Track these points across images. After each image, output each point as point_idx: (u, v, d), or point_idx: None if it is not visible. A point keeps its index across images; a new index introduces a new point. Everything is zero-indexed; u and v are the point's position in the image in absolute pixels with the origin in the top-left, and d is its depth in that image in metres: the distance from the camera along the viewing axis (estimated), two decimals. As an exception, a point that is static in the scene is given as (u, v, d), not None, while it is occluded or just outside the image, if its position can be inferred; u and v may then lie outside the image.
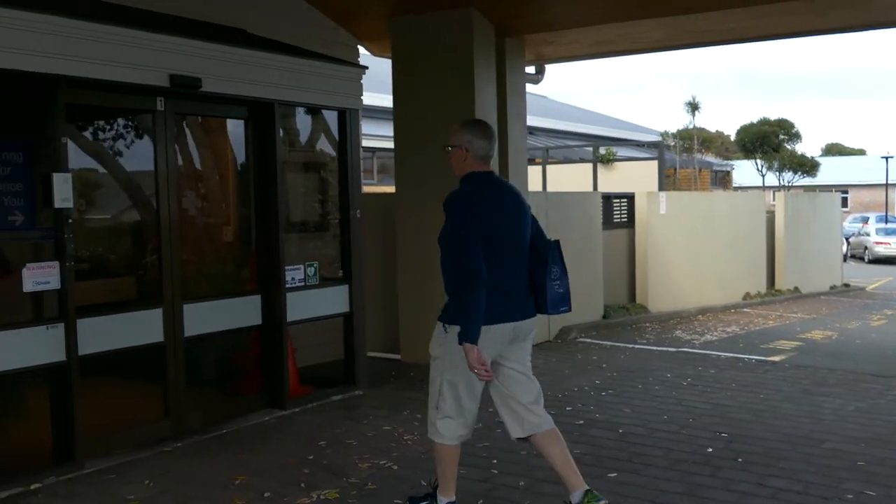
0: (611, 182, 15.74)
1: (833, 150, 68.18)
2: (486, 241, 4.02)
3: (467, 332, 3.95)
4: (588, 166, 16.95)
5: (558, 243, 4.38)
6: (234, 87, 6.05)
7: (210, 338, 6.14)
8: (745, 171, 36.51)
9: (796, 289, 16.08)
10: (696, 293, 13.05)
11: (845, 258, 22.51)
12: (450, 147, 4.31)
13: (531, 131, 13.89)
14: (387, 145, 11.80)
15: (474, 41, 7.97)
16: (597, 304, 10.95)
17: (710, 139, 32.40)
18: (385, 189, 13.07)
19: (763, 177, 36.16)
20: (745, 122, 54.67)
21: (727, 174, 26.62)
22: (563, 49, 9.34)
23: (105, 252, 6.08)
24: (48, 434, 5.21)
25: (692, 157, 22.04)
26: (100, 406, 5.54)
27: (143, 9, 5.95)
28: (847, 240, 27.40)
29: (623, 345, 9.58)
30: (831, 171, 48.80)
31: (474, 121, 4.51)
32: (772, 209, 16.35)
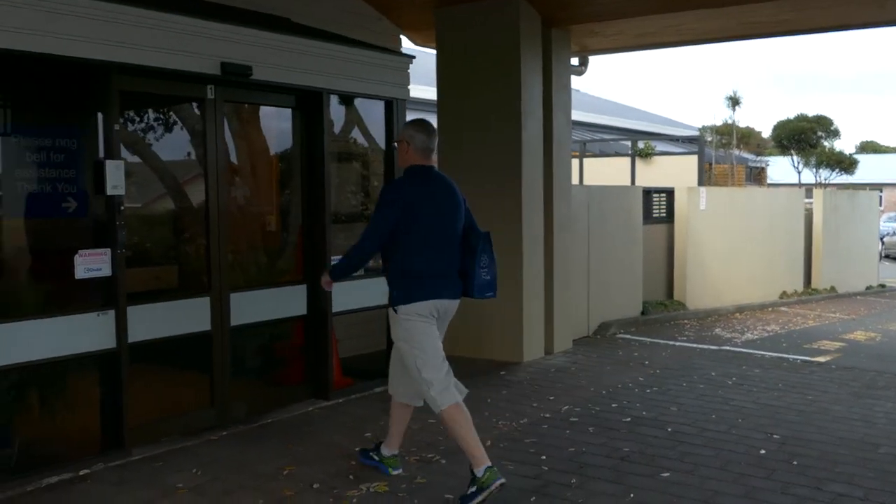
0: (648, 176, 15.58)
1: (868, 147, 67.17)
2: (414, 228, 4.53)
3: (336, 272, 4.88)
4: (623, 160, 16.79)
5: (488, 235, 4.83)
6: (284, 76, 6.01)
7: (256, 327, 6.12)
8: (780, 168, 36.03)
9: (832, 288, 15.84)
10: (733, 290, 12.89)
11: (880, 257, 22.15)
12: (395, 143, 4.85)
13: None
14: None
15: (521, 31, 7.88)
16: (636, 299, 10.84)
17: (747, 135, 31.96)
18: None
19: (799, 174, 35.68)
20: (780, 118, 53.91)
21: (762, 170, 26.28)
22: (607, 40, 9.22)
23: (152, 240, 6.07)
24: (97, 421, 5.22)
25: (729, 152, 21.76)
26: (146, 394, 5.53)
27: (193, -4, 5.93)
28: (882, 239, 26.96)
29: (663, 342, 9.46)
30: (865, 169, 48.08)
31: (417, 119, 4.91)
32: (809, 206, 16.10)
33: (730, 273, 12.84)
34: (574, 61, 9.53)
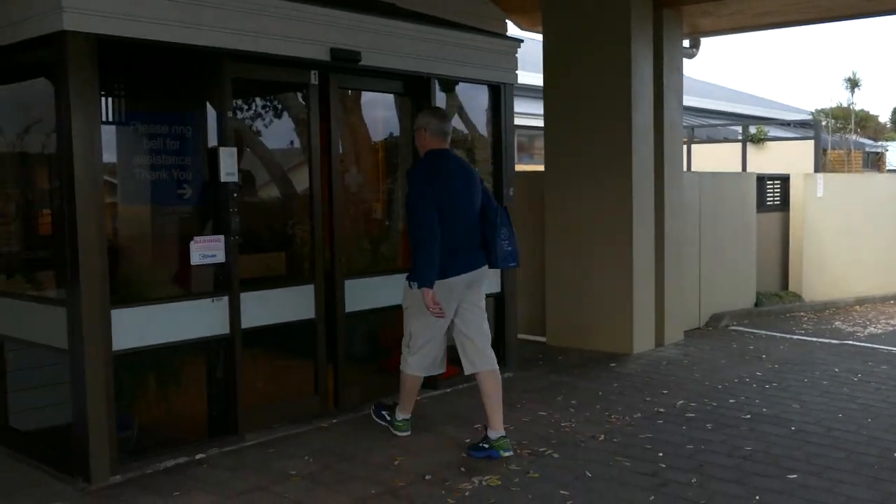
0: (759, 163, 14.95)
1: None
2: (439, 207, 4.85)
3: (422, 278, 4.86)
4: (732, 146, 16.18)
5: (506, 209, 5.27)
6: (392, 61, 5.94)
7: (365, 315, 6.09)
8: (899, 153, 34.26)
9: (961, 280, 14.88)
10: (852, 282, 12.23)
11: None
12: (415, 129, 5.18)
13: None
14: (521, 122, 11.50)
15: (631, 12, 7.62)
16: (749, 290, 10.41)
17: (866, 118, 30.41)
18: (522, 167, 12.81)
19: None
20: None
21: (881, 156, 24.98)
22: (722, 21, 8.83)
23: (263, 227, 6.10)
24: (211, 406, 5.28)
25: (845, 137, 20.73)
26: (256, 380, 5.57)
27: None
28: None
29: (780, 335, 9.05)
30: None
31: (431, 107, 5.46)
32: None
33: (849, 263, 12.20)
34: (685, 43, 9.20)
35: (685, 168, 14.21)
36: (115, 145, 4.93)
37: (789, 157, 15.23)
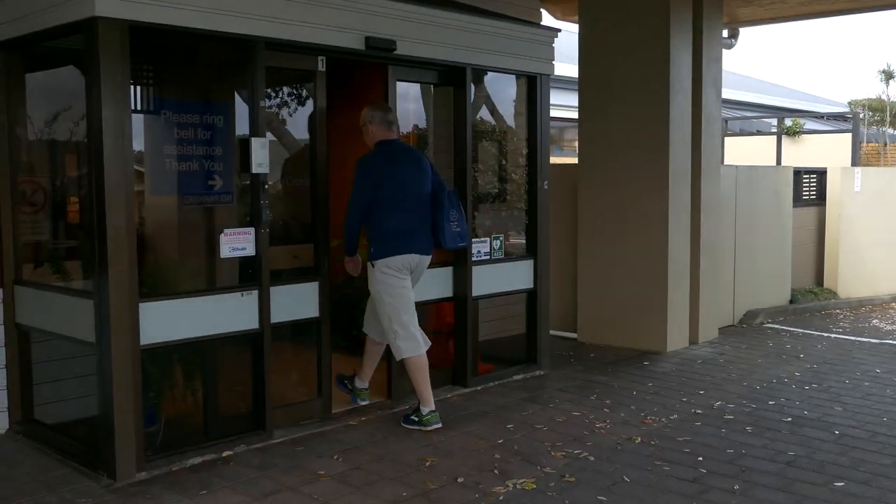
0: (794, 156, 14.66)
1: None
2: (386, 193, 5.22)
3: (348, 249, 5.38)
4: (766, 139, 15.89)
5: (455, 192, 5.57)
6: (427, 51, 5.79)
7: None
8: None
9: None
10: (890, 279, 11.97)
11: None
12: (361, 126, 5.42)
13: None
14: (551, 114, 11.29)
15: (671, 1, 7.41)
16: (784, 287, 10.18)
17: (906, 110, 29.80)
18: (553, 159, 12.60)
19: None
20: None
21: (917, 149, 24.46)
22: (763, 10, 8.62)
23: (289, 218, 5.98)
24: (239, 402, 5.18)
25: (882, 129, 20.29)
26: (283, 376, 5.46)
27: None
28: None
29: (817, 333, 8.84)
30: None
31: (373, 102, 5.52)
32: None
33: (886, 260, 11.92)
34: (723, 34, 8.96)
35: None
36: (145, 135, 4.81)
37: (824, 150, 14.93)
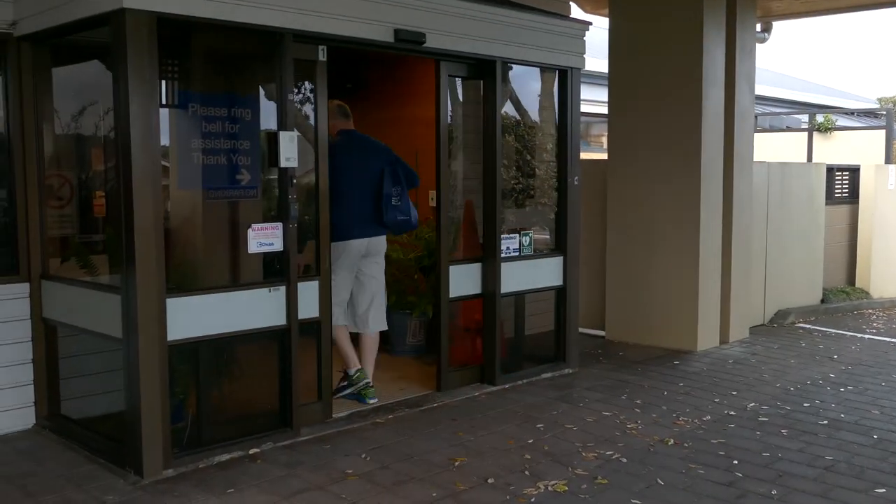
0: (823, 152, 14.44)
1: None
2: (342, 179, 5.45)
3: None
4: (795, 135, 15.65)
5: (403, 178, 5.75)
6: (457, 43, 5.69)
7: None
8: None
9: None
10: (924, 278, 11.74)
11: None
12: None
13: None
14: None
15: (705, -6, 7.28)
16: (815, 286, 10.00)
17: (934, 107, 29.37)
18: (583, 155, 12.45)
19: None
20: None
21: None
22: (798, 4, 8.45)
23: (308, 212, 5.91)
24: (266, 399, 5.11)
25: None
26: (307, 372, 5.37)
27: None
28: None
29: (850, 334, 8.67)
30: None
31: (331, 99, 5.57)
32: None
33: (920, 259, 11.70)
34: (756, 27, 8.80)
35: (747, 157, 13.75)
36: (172, 129, 4.75)
37: (855, 146, 14.68)
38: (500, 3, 6.05)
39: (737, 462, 4.77)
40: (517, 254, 6.22)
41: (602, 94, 9.29)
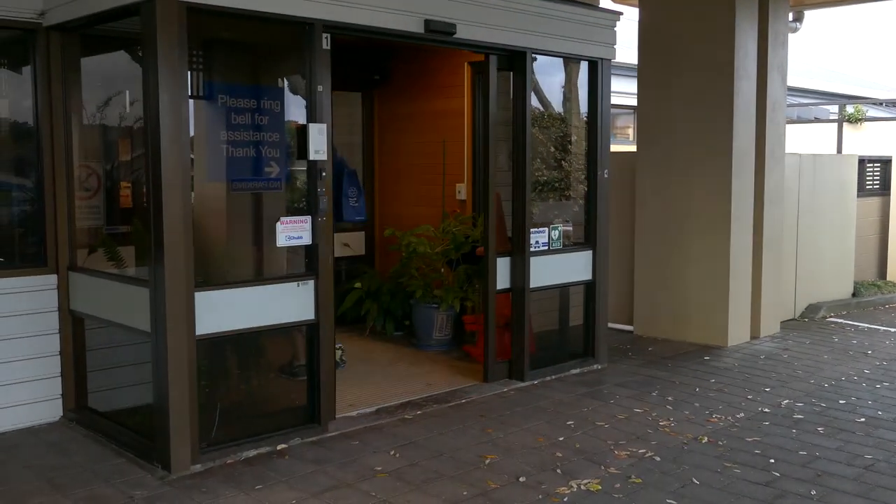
0: (854, 143, 14.19)
1: None
2: None
3: None
4: (824, 126, 15.40)
5: (355, 171, 6.14)
6: (487, 34, 5.61)
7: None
8: None
9: None
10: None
11: None
12: None
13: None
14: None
15: (738, -17, 7.14)
16: (846, 279, 9.84)
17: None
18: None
19: None
20: None
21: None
22: (831, -8, 8.27)
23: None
24: (294, 394, 5.07)
25: (944, 117, 19.65)
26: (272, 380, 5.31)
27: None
28: None
29: (883, 328, 8.51)
30: None
31: None
32: None
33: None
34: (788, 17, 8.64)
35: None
36: (201, 120, 4.71)
37: (885, 137, 14.42)
38: (530, -7, 5.96)
39: (773, 461, 4.67)
40: (546, 248, 6.14)
41: (626, 85, 9.17)
